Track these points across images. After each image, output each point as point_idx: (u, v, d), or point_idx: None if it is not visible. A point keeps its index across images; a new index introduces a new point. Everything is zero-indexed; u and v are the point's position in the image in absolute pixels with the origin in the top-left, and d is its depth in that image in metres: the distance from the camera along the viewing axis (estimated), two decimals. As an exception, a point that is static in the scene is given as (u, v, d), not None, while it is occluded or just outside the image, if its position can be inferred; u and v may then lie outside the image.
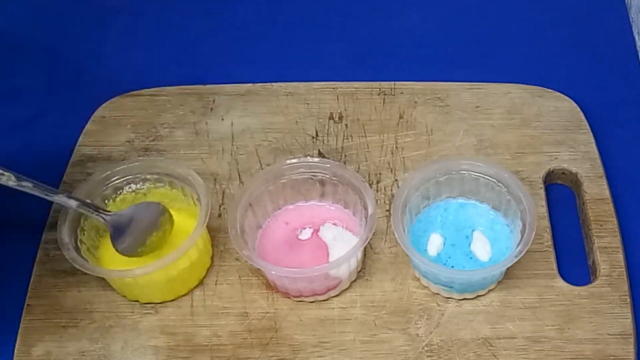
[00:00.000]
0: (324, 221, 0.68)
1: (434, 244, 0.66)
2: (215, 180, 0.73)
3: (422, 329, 0.63)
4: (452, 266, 0.65)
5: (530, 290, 0.65)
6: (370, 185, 0.71)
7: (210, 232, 0.68)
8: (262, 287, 0.66)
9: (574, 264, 0.67)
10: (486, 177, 0.66)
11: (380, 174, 0.72)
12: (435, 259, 0.65)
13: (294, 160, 0.67)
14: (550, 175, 0.72)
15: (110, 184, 0.67)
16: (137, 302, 0.65)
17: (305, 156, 0.73)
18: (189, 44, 0.87)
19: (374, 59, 0.84)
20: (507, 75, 0.80)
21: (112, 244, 0.64)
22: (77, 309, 0.65)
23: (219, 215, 0.70)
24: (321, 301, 0.65)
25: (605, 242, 0.67)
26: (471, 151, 0.74)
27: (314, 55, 0.85)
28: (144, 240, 0.65)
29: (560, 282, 0.65)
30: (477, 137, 0.74)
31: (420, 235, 0.66)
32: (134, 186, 0.68)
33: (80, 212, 0.64)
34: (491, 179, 0.66)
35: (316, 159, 0.68)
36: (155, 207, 0.66)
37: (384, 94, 0.78)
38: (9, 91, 0.82)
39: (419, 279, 0.66)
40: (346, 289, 0.66)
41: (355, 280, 0.66)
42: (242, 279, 0.67)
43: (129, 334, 0.64)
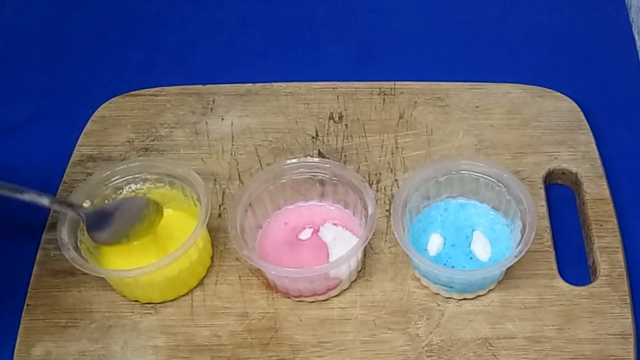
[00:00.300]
0: (324, 221, 0.68)
1: (434, 244, 0.66)
2: (215, 180, 0.73)
3: (422, 329, 0.63)
4: (452, 266, 0.65)
5: (530, 290, 0.65)
6: (370, 185, 0.71)
7: (210, 232, 0.68)
8: (262, 287, 0.66)
9: (574, 264, 0.67)
10: (486, 177, 0.66)
11: (380, 174, 0.72)
12: (435, 259, 0.65)
13: (294, 160, 0.67)
14: (550, 175, 0.72)
15: (110, 184, 0.67)
16: (137, 302, 0.65)
17: (305, 156, 0.73)
18: (189, 44, 0.87)
19: (374, 59, 0.84)
20: (507, 75, 0.80)
21: (89, 237, 0.64)
22: (77, 309, 0.65)
23: (219, 215, 0.70)
24: (321, 301, 0.65)
25: (605, 242, 0.67)
26: (471, 151, 0.74)
27: (314, 55, 0.85)
28: (126, 232, 0.64)
29: (560, 282, 0.65)
30: (477, 137, 0.74)
31: (420, 235, 0.66)
32: (134, 186, 0.68)
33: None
34: (491, 179, 0.66)
35: (316, 159, 0.68)
36: (138, 200, 0.65)
37: (384, 94, 0.78)
38: (9, 91, 0.82)
39: (419, 279, 0.66)
40: (346, 289, 0.66)
41: (355, 280, 0.66)
42: (242, 279, 0.67)
43: (129, 334, 0.64)
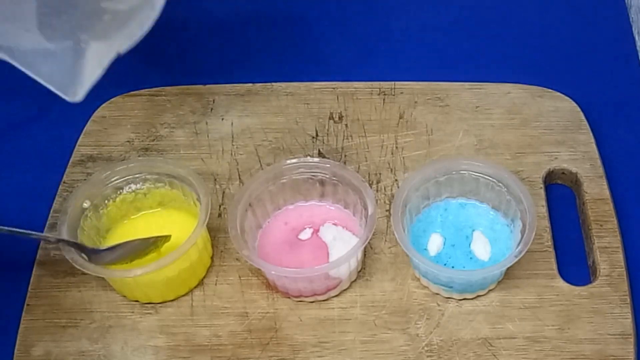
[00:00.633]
0: (324, 221, 0.68)
1: (434, 244, 0.66)
2: (215, 180, 0.73)
3: (422, 329, 0.63)
4: (452, 266, 0.65)
5: (530, 290, 0.65)
6: (370, 185, 0.71)
7: (210, 232, 0.68)
8: (262, 287, 0.66)
9: (574, 264, 0.67)
10: (486, 177, 0.66)
11: (380, 174, 0.72)
12: (435, 259, 0.65)
13: (294, 160, 0.67)
14: (550, 175, 0.72)
15: (110, 184, 0.67)
16: (137, 302, 0.65)
17: (305, 156, 0.73)
18: (189, 44, 0.87)
19: (374, 59, 0.84)
20: (507, 75, 0.80)
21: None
22: (77, 309, 0.65)
23: (219, 215, 0.70)
24: (321, 301, 0.65)
25: (605, 242, 0.67)
26: (471, 151, 0.74)
27: (314, 55, 0.85)
28: (127, 261, 0.64)
29: (560, 282, 0.65)
30: (477, 137, 0.74)
31: (420, 235, 0.66)
32: (133, 186, 0.68)
33: (79, 213, 0.65)
34: (491, 179, 0.66)
35: (316, 159, 0.68)
36: (143, 243, 0.64)
37: (384, 94, 0.78)
38: (9, 91, 0.82)
39: (419, 279, 0.66)
40: (346, 289, 0.66)
41: (355, 280, 0.66)
42: (242, 279, 0.67)
43: (129, 334, 0.64)
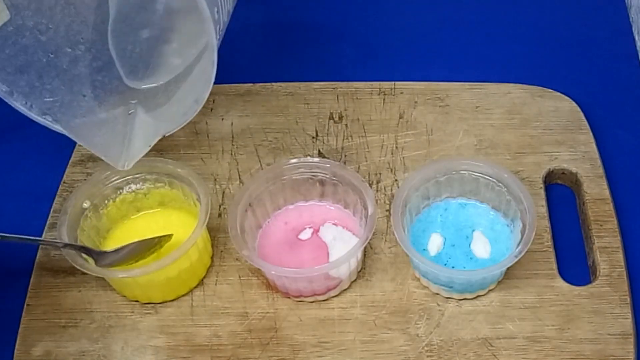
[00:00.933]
0: (324, 221, 0.68)
1: (434, 244, 0.66)
2: (215, 180, 0.73)
3: (422, 329, 0.63)
4: (452, 266, 0.65)
5: (530, 290, 0.65)
6: (370, 185, 0.71)
7: (210, 232, 0.68)
8: (262, 287, 0.66)
9: (574, 264, 0.67)
10: (486, 177, 0.66)
11: (380, 174, 0.72)
12: (435, 259, 0.65)
13: (294, 160, 0.67)
14: (550, 175, 0.72)
15: (110, 184, 0.67)
16: (137, 302, 0.65)
17: (305, 156, 0.73)
18: (189, 44, 0.87)
19: (374, 59, 0.84)
20: (507, 75, 0.80)
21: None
22: (77, 309, 0.65)
23: (219, 215, 0.70)
24: (321, 301, 0.65)
25: (605, 242, 0.67)
26: (471, 151, 0.74)
27: (314, 55, 0.85)
28: (131, 262, 0.64)
29: (560, 282, 0.65)
30: (477, 137, 0.74)
31: (420, 235, 0.66)
32: (133, 186, 0.68)
33: (79, 214, 0.65)
34: (491, 179, 0.66)
35: (316, 159, 0.68)
36: (148, 243, 0.64)
37: (384, 94, 0.78)
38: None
39: (419, 279, 0.66)
40: (346, 289, 0.66)
41: (355, 280, 0.66)
42: (242, 279, 0.67)
43: (129, 334, 0.64)
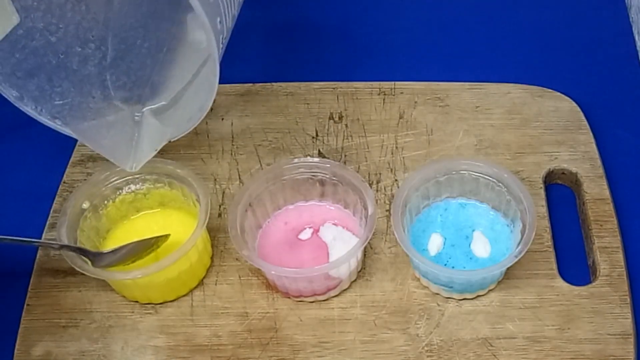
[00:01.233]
0: (324, 221, 0.68)
1: (434, 244, 0.66)
2: (215, 180, 0.73)
3: (422, 329, 0.63)
4: (452, 266, 0.65)
5: (530, 290, 0.65)
6: (370, 185, 0.71)
7: (210, 232, 0.68)
8: (262, 287, 0.66)
9: (574, 264, 0.67)
10: (486, 177, 0.66)
11: (380, 174, 0.72)
12: (435, 259, 0.65)
13: (294, 160, 0.67)
14: (550, 175, 0.72)
15: (109, 184, 0.67)
16: (137, 302, 0.65)
17: (305, 156, 0.73)
18: (189, 44, 0.87)
19: (374, 59, 0.84)
20: (507, 75, 0.80)
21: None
22: (77, 309, 0.65)
23: (219, 215, 0.70)
24: (321, 301, 0.65)
25: (605, 242, 0.67)
26: (471, 151, 0.74)
27: (314, 55, 0.85)
28: (128, 263, 0.64)
29: (560, 282, 0.65)
30: (477, 137, 0.74)
31: (420, 235, 0.66)
32: (133, 187, 0.67)
33: (78, 214, 0.65)
34: (491, 179, 0.66)
35: (316, 159, 0.68)
36: (144, 244, 0.64)
37: (384, 94, 0.78)
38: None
39: (419, 279, 0.66)
40: (346, 289, 0.66)
41: (355, 280, 0.66)
42: (242, 279, 0.67)
43: (129, 334, 0.64)
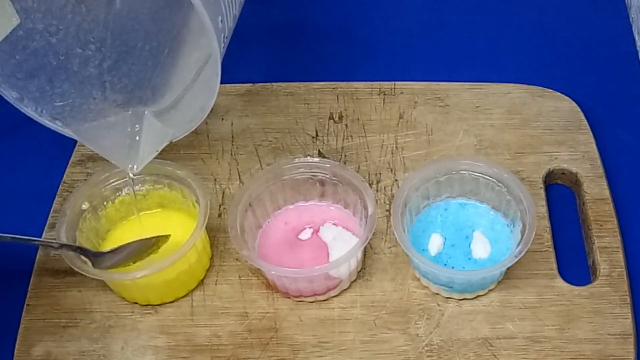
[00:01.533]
0: (324, 221, 0.68)
1: (434, 244, 0.65)
2: (215, 180, 0.73)
3: (422, 329, 0.63)
4: (452, 266, 0.65)
5: (530, 290, 0.65)
6: (370, 185, 0.71)
7: (210, 232, 0.68)
8: (262, 287, 0.66)
9: (574, 264, 0.67)
10: (486, 177, 0.66)
11: (380, 174, 0.72)
12: (435, 259, 0.65)
13: (294, 160, 0.67)
14: (550, 175, 0.72)
15: (109, 185, 0.67)
16: (137, 302, 0.65)
17: (305, 156, 0.73)
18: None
19: (374, 59, 0.84)
20: (507, 75, 0.80)
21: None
22: (77, 309, 0.65)
23: (219, 215, 0.70)
24: (321, 301, 0.65)
25: (605, 242, 0.67)
26: (471, 151, 0.74)
27: (314, 55, 0.85)
28: (127, 264, 0.64)
29: (560, 282, 0.65)
30: (477, 137, 0.74)
31: (420, 235, 0.66)
32: (132, 188, 0.67)
33: (77, 215, 0.65)
34: (491, 179, 0.66)
35: (316, 159, 0.68)
36: (145, 244, 0.64)
37: (384, 94, 0.78)
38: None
39: (419, 279, 0.66)
40: (346, 289, 0.66)
41: (355, 280, 0.66)
42: (242, 279, 0.67)
43: (129, 334, 0.64)
